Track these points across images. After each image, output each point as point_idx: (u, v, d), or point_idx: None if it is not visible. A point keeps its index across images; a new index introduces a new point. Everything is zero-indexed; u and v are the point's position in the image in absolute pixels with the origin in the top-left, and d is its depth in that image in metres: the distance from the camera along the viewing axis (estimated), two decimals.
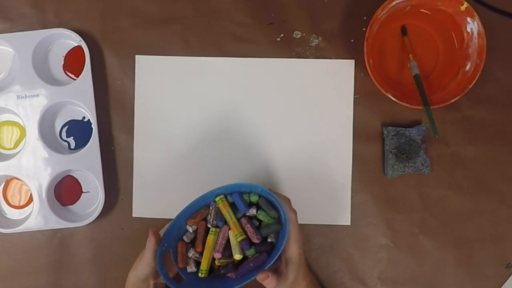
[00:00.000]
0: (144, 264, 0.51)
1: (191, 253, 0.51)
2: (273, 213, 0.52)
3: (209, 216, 0.52)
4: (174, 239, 0.52)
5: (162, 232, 0.54)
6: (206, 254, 0.51)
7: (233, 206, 0.53)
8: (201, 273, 0.51)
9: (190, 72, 0.62)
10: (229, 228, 0.51)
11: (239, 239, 0.50)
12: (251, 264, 0.50)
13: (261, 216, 0.52)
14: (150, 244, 0.51)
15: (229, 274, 0.51)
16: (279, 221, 0.53)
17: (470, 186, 0.62)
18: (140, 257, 0.53)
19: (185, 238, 0.53)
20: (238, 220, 0.52)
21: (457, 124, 0.62)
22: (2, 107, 0.61)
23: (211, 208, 0.52)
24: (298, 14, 0.62)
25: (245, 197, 0.53)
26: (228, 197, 0.53)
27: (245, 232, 0.51)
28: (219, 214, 0.52)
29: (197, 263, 0.52)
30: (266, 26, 0.62)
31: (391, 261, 0.61)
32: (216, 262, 0.51)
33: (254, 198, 0.52)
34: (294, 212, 0.52)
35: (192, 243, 0.53)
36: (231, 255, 0.51)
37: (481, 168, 0.62)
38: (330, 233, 0.62)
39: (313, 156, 0.62)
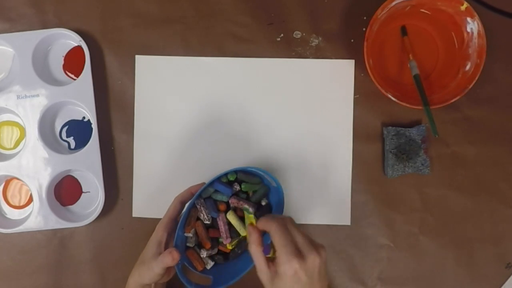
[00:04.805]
0: (153, 274, 0.51)
1: (203, 254, 0.54)
2: (255, 180, 0.56)
3: (201, 214, 0.54)
4: (181, 251, 0.53)
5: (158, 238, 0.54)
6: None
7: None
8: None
9: (190, 72, 0.62)
10: (226, 213, 0.55)
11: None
12: None
13: (246, 187, 0.55)
14: (166, 261, 0.50)
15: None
16: (263, 184, 0.57)
17: (470, 186, 0.62)
18: (140, 264, 0.53)
19: (189, 244, 0.55)
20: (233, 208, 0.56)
21: (457, 124, 0.62)
22: (2, 107, 0.61)
23: (198, 206, 0.54)
24: (298, 14, 0.62)
25: (224, 180, 0.55)
26: (210, 188, 0.55)
27: (240, 208, 0.55)
28: (209, 208, 0.54)
29: (212, 258, 0.55)
30: (266, 26, 0.62)
31: (391, 261, 0.61)
32: (229, 247, 0.55)
33: (232, 177, 0.55)
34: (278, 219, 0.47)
35: (198, 245, 0.55)
36: (238, 234, 0.54)
37: (481, 168, 0.62)
38: (330, 233, 0.62)
39: (313, 156, 0.62)
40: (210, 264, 0.55)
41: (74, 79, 0.62)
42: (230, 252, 0.56)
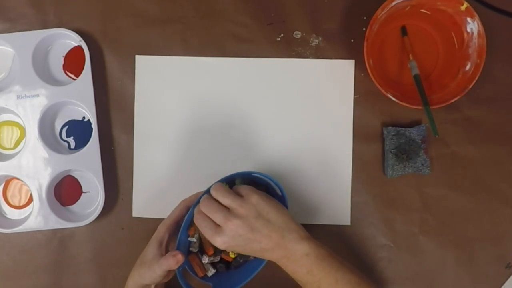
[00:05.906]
0: (154, 276, 0.51)
1: (205, 260, 0.54)
2: (262, 187, 0.56)
3: None
4: (183, 255, 0.53)
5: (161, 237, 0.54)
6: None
7: None
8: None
9: (190, 72, 0.62)
10: None
11: None
12: None
13: None
14: (169, 264, 0.50)
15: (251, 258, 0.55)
16: (269, 191, 0.56)
17: (470, 186, 0.62)
18: (141, 264, 0.53)
19: (192, 249, 0.55)
20: None
21: (457, 124, 0.62)
22: (2, 107, 0.61)
23: None
24: (298, 14, 0.62)
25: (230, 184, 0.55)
26: None
27: None
28: None
29: (214, 265, 0.55)
30: (266, 26, 0.62)
31: (391, 261, 0.61)
32: (231, 255, 0.54)
33: (239, 182, 0.55)
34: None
35: (201, 250, 0.55)
36: None
37: (481, 168, 0.62)
38: (330, 233, 0.61)
39: (313, 156, 0.62)
40: (211, 271, 0.54)
41: (74, 79, 0.62)
42: (232, 261, 0.56)
